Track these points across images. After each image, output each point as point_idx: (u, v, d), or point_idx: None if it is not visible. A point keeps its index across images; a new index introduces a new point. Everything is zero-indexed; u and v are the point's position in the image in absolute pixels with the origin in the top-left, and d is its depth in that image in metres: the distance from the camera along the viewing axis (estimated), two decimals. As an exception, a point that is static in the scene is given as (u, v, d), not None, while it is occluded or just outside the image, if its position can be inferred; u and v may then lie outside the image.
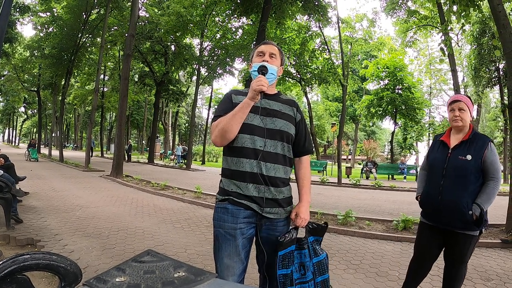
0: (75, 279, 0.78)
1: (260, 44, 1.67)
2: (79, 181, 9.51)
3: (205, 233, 4.31)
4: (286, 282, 1.46)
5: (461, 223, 1.92)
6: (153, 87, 23.66)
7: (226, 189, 1.52)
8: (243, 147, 1.48)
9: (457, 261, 2.04)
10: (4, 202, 3.88)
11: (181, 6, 14.99)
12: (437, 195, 2.01)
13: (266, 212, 1.48)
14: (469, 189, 1.93)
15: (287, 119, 1.56)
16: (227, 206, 1.49)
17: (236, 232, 1.46)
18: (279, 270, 1.45)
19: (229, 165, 1.53)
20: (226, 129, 1.43)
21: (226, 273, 1.45)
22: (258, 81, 1.41)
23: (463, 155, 1.96)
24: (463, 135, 2.04)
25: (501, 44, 4.70)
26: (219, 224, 1.50)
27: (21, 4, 17.09)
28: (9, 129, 59.59)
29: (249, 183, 1.47)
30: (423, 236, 2.18)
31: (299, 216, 1.54)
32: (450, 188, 1.96)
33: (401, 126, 23.47)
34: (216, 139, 1.48)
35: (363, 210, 6.60)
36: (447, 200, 1.96)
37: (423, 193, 2.16)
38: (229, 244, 1.46)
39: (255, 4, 10.53)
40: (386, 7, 15.38)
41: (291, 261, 1.48)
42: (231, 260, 1.45)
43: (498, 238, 4.23)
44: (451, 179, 1.97)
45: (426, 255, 2.16)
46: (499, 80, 18.91)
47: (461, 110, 2.02)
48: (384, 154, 45.42)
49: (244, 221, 1.47)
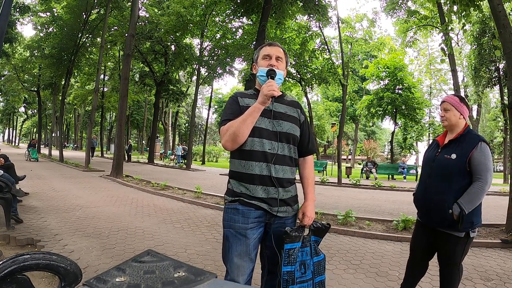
0: (75, 279, 0.78)
1: (265, 45, 1.67)
2: (79, 181, 9.51)
3: (205, 233, 4.31)
4: (289, 280, 1.47)
5: (447, 222, 1.92)
6: (153, 87, 23.66)
7: (235, 191, 1.54)
8: (252, 150, 1.50)
9: (448, 262, 2.03)
10: (4, 202, 3.88)
11: (181, 6, 14.99)
12: (424, 193, 2.07)
13: (276, 211, 1.52)
14: (452, 188, 1.92)
15: (293, 121, 1.59)
16: (237, 206, 1.51)
17: (247, 232, 1.48)
18: (284, 266, 1.46)
19: (237, 168, 1.55)
20: (238, 133, 1.45)
21: (236, 273, 1.46)
22: (269, 86, 1.43)
23: (449, 154, 1.97)
24: (455, 135, 2.07)
25: (501, 44, 4.70)
26: (229, 224, 1.52)
27: (21, 4, 17.09)
28: (9, 129, 59.62)
29: (258, 185, 1.50)
30: (416, 234, 2.22)
31: (306, 215, 1.58)
32: (434, 187, 2.00)
33: (401, 126, 23.48)
34: (226, 143, 1.49)
35: (363, 210, 6.60)
36: (431, 199, 2.00)
37: (416, 191, 2.22)
38: (240, 244, 1.48)
39: (255, 4, 10.54)
40: (386, 7, 15.38)
41: (295, 258, 1.50)
42: (241, 259, 1.47)
43: (498, 238, 4.23)
44: (436, 177, 2.00)
45: (418, 254, 2.19)
46: (499, 80, 18.91)
47: (446, 110, 2.07)
48: (384, 154, 45.43)
49: (255, 221, 1.50)
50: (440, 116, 2.12)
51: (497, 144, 32.66)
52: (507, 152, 21.19)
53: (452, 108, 2.05)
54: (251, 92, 1.65)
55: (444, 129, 2.18)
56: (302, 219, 1.58)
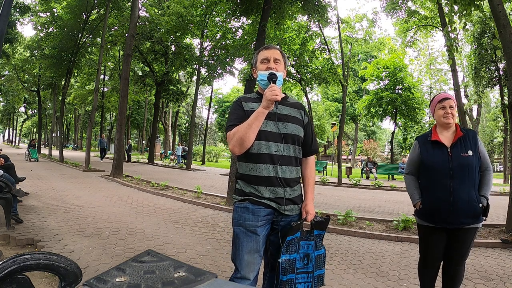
0: (75, 279, 0.78)
1: (262, 49, 1.70)
2: (79, 181, 9.51)
3: (205, 233, 4.31)
4: (289, 268, 1.52)
5: (472, 219, 1.94)
6: (153, 87, 23.64)
7: (244, 191, 1.60)
8: (259, 153, 1.55)
9: (459, 258, 2.04)
10: (4, 202, 3.87)
11: (181, 6, 14.98)
12: (447, 196, 1.93)
13: (284, 209, 1.58)
14: (475, 183, 1.97)
15: (297, 123, 1.64)
16: (247, 205, 1.56)
17: (257, 229, 1.54)
18: (283, 255, 1.51)
19: (245, 171, 1.60)
20: (244, 138, 1.49)
21: (247, 270, 1.51)
22: (271, 90, 1.47)
23: (465, 152, 1.96)
24: (452, 132, 2.06)
25: (501, 44, 4.70)
26: (239, 222, 1.57)
27: (21, 4, 17.07)
28: (9, 129, 59.63)
29: (266, 186, 1.55)
30: (431, 240, 2.09)
31: (309, 212, 1.65)
32: (461, 187, 1.93)
33: (401, 126, 23.47)
34: (234, 148, 1.54)
35: (363, 210, 6.60)
36: (459, 200, 1.92)
37: (426, 198, 2.05)
38: (250, 241, 1.53)
39: (255, 4, 10.52)
40: (386, 7, 15.37)
41: (295, 248, 1.55)
42: (251, 256, 1.52)
43: (498, 238, 4.23)
44: (460, 178, 1.93)
45: (436, 258, 2.11)
46: (499, 80, 18.90)
47: (451, 107, 2.05)
48: (384, 154, 45.42)
49: (264, 219, 1.56)
50: (446, 113, 2.03)
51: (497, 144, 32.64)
52: (507, 152, 21.19)
53: (454, 105, 2.06)
54: (254, 96, 1.70)
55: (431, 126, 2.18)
56: (306, 216, 1.65)
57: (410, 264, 3.34)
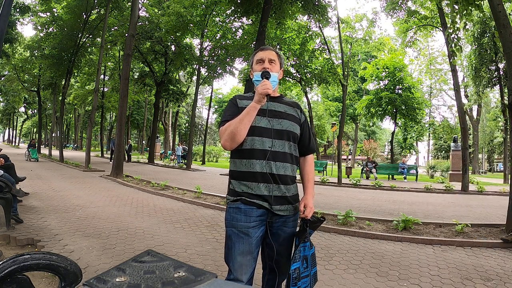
0: (75, 279, 0.78)
1: (257, 50, 1.72)
2: (79, 181, 9.51)
3: (205, 233, 4.31)
4: (297, 277, 1.50)
5: None
6: (153, 87, 23.65)
7: (237, 190, 1.58)
8: (253, 149, 1.54)
9: None
10: (4, 202, 3.87)
11: (181, 6, 14.98)
12: None
13: (277, 209, 1.55)
14: None
15: (292, 120, 1.64)
16: (239, 206, 1.54)
17: (249, 230, 1.51)
18: (293, 264, 1.49)
19: (238, 167, 1.58)
20: (235, 132, 1.48)
21: (239, 271, 1.48)
22: (263, 84, 1.49)
23: None
24: None
25: (501, 44, 4.70)
26: (231, 223, 1.55)
27: (21, 4, 17.07)
28: (9, 129, 59.63)
29: (260, 182, 1.53)
30: None
31: (308, 206, 1.60)
32: None
33: (401, 126, 23.47)
34: (225, 143, 1.53)
35: (363, 210, 6.59)
36: None
37: None
38: (242, 243, 1.50)
39: (255, 4, 10.52)
40: (386, 7, 15.36)
41: (299, 254, 1.54)
42: (244, 258, 1.49)
43: (498, 238, 4.23)
44: None
45: None
46: (499, 80, 18.91)
47: None
48: (384, 154, 45.43)
49: (257, 219, 1.53)
50: None
51: (497, 144, 32.65)
52: (507, 152, 21.19)
53: None
54: (250, 95, 1.70)
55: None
56: (305, 210, 1.59)
57: (410, 264, 3.34)
